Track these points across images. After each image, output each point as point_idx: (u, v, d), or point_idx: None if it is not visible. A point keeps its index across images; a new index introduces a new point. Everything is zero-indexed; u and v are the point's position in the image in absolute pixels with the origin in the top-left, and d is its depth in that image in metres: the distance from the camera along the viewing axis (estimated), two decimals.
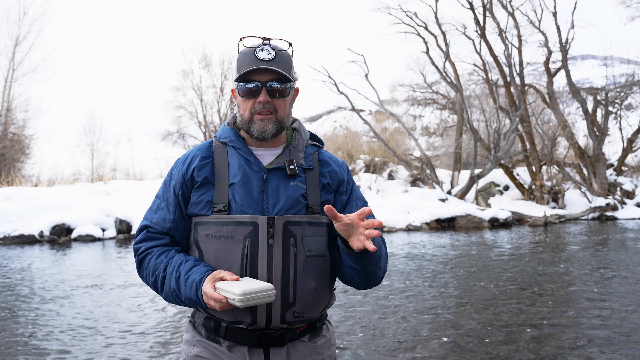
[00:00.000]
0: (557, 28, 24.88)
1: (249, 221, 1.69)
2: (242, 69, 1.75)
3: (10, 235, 13.70)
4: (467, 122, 23.64)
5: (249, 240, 1.69)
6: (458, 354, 4.84)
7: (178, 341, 5.30)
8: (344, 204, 1.90)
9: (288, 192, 1.76)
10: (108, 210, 15.60)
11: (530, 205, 22.23)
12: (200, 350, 1.77)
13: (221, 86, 34.32)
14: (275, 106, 1.78)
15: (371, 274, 1.76)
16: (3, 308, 6.76)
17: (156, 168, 29.79)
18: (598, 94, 25.88)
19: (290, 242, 1.71)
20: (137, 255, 1.83)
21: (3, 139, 26.46)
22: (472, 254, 11.34)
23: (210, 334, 1.77)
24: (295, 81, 1.84)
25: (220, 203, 1.73)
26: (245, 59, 1.77)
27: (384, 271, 1.84)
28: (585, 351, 4.87)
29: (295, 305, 1.72)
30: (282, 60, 1.78)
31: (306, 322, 1.79)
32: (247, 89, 1.77)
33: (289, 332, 1.76)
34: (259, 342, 1.72)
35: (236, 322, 1.71)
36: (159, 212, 1.84)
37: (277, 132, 1.81)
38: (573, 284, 8.00)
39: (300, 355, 1.78)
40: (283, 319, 1.71)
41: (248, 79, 1.76)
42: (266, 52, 1.75)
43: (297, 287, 1.71)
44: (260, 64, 1.73)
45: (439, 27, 26.23)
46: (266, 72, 1.75)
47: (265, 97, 1.76)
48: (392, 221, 17.39)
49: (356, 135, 30.99)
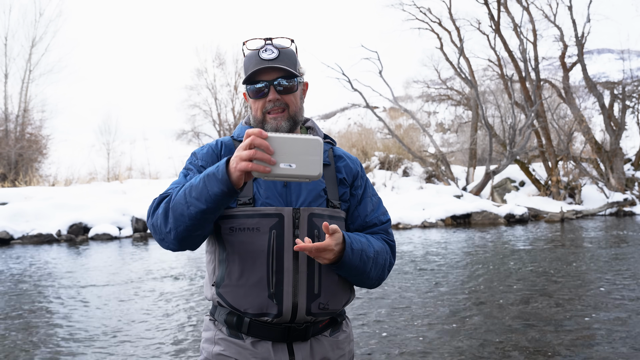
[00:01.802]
0: (573, 22, 24.64)
1: (274, 213, 1.70)
2: (249, 71, 1.79)
3: (28, 234, 13.84)
4: (482, 118, 23.49)
5: (274, 231, 1.69)
6: (472, 350, 4.82)
7: (196, 340, 5.32)
8: (359, 199, 1.92)
9: (309, 187, 1.77)
10: (124, 209, 15.71)
11: (547, 201, 22.08)
12: (223, 349, 1.76)
13: (235, 84, 34.41)
14: (286, 102, 1.81)
15: (358, 281, 1.81)
16: (22, 307, 6.83)
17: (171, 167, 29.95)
18: (615, 88, 25.61)
19: (315, 233, 1.72)
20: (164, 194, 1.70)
21: (20, 139, 26.76)
22: (488, 251, 11.27)
23: (232, 330, 1.76)
24: (302, 76, 1.86)
25: (245, 196, 1.74)
26: (250, 61, 1.80)
27: (378, 279, 1.86)
28: (603, 348, 4.83)
29: (320, 297, 1.73)
30: (287, 57, 1.80)
31: (330, 315, 1.80)
32: (256, 90, 1.80)
33: (313, 326, 1.77)
34: (282, 337, 1.73)
35: (261, 314, 1.70)
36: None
37: (291, 128, 1.83)
38: (591, 281, 7.93)
39: (323, 350, 1.79)
40: (308, 311, 1.71)
41: (255, 80, 1.79)
42: (269, 51, 1.78)
43: (322, 278, 1.73)
44: (265, 63, 1.76)
45: (453, 22, 26.10)
46: (272, 71, 1.78)
47: (274, 95, 1.78)
48: (408, 218, 17.34)
49: (370, 132, 30.95)
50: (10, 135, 26.69)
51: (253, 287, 1.69)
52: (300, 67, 1.87)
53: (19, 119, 27.26)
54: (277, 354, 1.72)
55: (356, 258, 1.70)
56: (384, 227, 1.92)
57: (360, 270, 1.74)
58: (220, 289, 1.75)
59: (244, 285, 1.70)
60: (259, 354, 1.72)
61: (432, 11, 26.94)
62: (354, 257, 1.69)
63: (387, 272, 1.89)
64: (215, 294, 1.77)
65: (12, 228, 13.78)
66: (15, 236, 13.71)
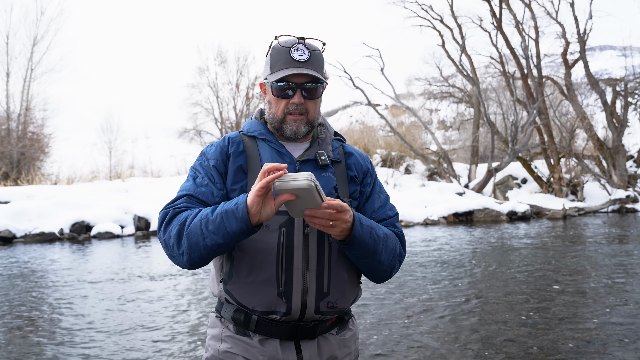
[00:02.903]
0: (575, 19, 24.57)
1: (284, 210, 1.69)
2: (277, 67, 1.77)
3: (31, 233, 13.85)
4: (484, 115, 23.47)
5: (284, 229, 1.69)
6: (473, 348, 4.82)
7: (201, 337, 5.33)
8: (368, 196, 1.92)
9: (321, 183, 1.76)
10: (126, 207, 15.71)
11: (549, 198, 22.04)
12: (230, 346, 1.76)
13: (237, 83, 34.44)
14: (307, 107, 1.81)
15: (370, 266, 1.76)
16: (25, 305, 6.84)
17: (173, 165, 29.97)
18: (617, 84, 25.55)
19: (325, 232, 1.70)
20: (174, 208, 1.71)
21: (23, 138, 26.76)
22: (491, 248, 11.27)
23: (239, 328, 1.76)
24: (326, 79, 1.85)
25: None
26: (280, 57, 1.78)
27: (391, 266, 1.82)
28: (606, 345, 4.82)
29: (329, 295, 1.72)
30: (316, 61, 1.79)
31: (338, 313, 1.80)
32: (282, 90, 1.78)
33: (320, 325, 1.76)
34: (290, 335, 1.72)
35: (270, 312, 1.70)
36: (201, 187, 1.77)
37: (308, 132, 1.85)
38: (594, 278, 7.92)
39: (330, 348, 1.79)
40: (317, 309, 1.71)
41: (282, 79, 1.77)
42: (301, 52, 1.77)
43: (331, 277, 1.72)
44: (296, 64, 1.75)
45: (455, 19, 26.05)
46: (301, 74, 1.76)
47: (299, 99, 1.78)
48: (410, 216, 17.33)
49: (372, 130, 30.93)
50: (13, 134, 26.69)
51: (262, 285, 1.69)
52: (325, 71, 1.86)
53: (21, 117, 27.26)
54: (285, 352, 1.72)
55: (366, 234, 1.69)
56: (391, 220, 1.92)
57: (372, 250, 1.71)
58: (228, 285, 1.74)
59: (253, 282, 1.70)
60: (267, 351, 1.72)
61: (433, 8, 26.85)
62: (363, 232, 1.68)
63: (399, 262, 1.86)
64: (223, 290, 1.76)
65: (15, 227, 13.78)
66: (17, 235, 13.71)
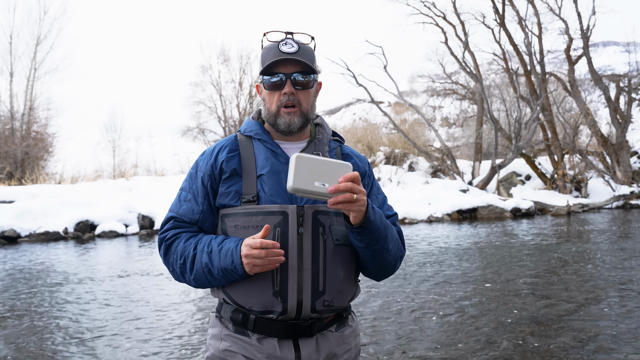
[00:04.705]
0: (578, 15, 24.48)
1: (278, 210, 1.70)
2: (267, 62, 1.78)
3: (35, 232, 13.88)
4: (488, 112, 23.43)
5: (279, 229, 1.69)
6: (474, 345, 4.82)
7: (202, 336, 5.34)
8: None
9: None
10: (130, 206, 15.74)
11: (553, 195, 22.00)
12: (229, 345, 1.78)
13: (240, 81, 34.43)
14: (299, 98, 1.81)
15: (379, 255, 1.76)
16: (30, 303, 6.87)
17: (177, 164, 29.98)
18: (621, 80, 25.45)
19: (319, 231, 1.72)
20: (165, 241, 1.81)
21: (26, 137, 26.84)
22: (494, 245, 11.26)
23: (238, 327, 1.78)
24: (318, 74, 1.87)
25: (249, 194, 1.75)
26: (269, 53, 1.80)
27: (396, 257, 1.84)
28: (608, 342, 4.82)
29: (325, 294, 1.73)
30: (305, 53, 1.81)
31: (335, 312, 1.81)
32: (272, 82, 1.80)
33: (318, 322, 1.77)
34: (288, 333, 1.73)
35: (266, 312, 1.71)
36: (185, 204, 1.84)
37: (302, 126, 1.84)
38: (598, 275, 7.91)
39: (329, 345, 1.80)
40: (313, 308, 1.71)
41: (272, 72, 1.79)
42: (290, 45, 1.78)
43: (326, 276, 1.72)
44: (285, 56, 1.76)
45: (458, 16, 26.00)
46: (290, 64, 1.78)
47: (290, 88, 1.78)
48: (413, 213, 17.32)
49: (376, 127, 30.91)
50: (16, 134, 26.77)
51: (258, 285, 1.70)
52: (317, 66, 1.87)
53: (25, 117, 27.32)
54: (283, 350, 1.73)
55: (378, 218, 1.71)
56: (391, 219, 1.94)
57: (382, 235, 1.73)
58: (226, 286, 1.76)
59: (249, 283, 1.71)
60: (265, 350, 1.73)
61: (436, 5, 26.84)
62: (376, 216, 1.70)
63: (400, 257, 1.89)
64: (221, 291, 1.79)
65: (19, 226, 13.82)
66: (22, 234, 13.75)
